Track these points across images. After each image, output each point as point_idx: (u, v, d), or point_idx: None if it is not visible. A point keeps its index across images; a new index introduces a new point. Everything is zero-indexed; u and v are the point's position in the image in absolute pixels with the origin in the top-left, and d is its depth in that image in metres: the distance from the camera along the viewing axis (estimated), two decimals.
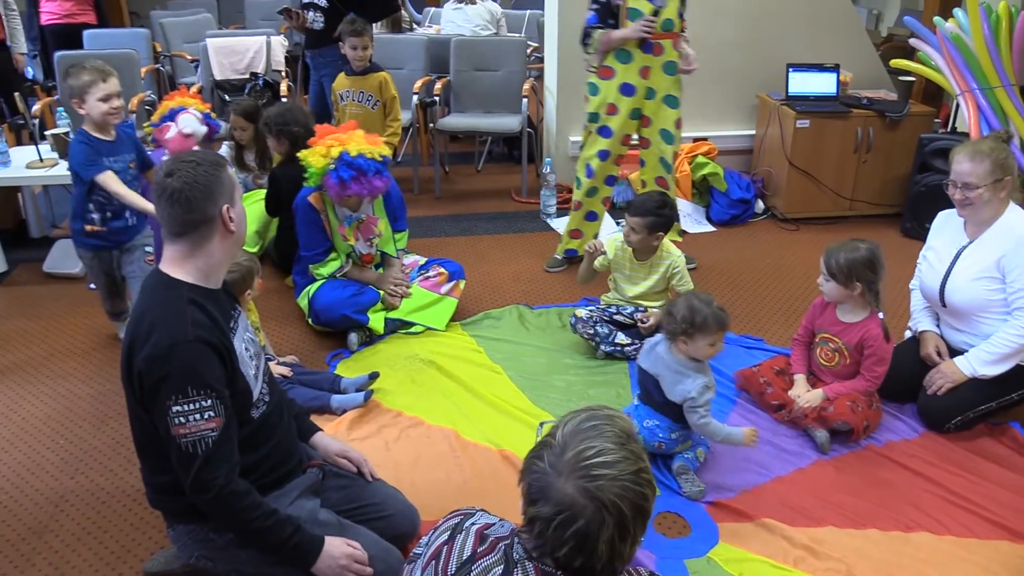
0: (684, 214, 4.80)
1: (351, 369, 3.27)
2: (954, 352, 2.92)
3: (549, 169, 5.03)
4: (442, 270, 3.68)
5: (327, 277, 3.51)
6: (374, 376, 3.09)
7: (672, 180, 4.08)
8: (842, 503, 2.52)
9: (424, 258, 3.80)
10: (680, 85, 3.90)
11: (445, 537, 1.50)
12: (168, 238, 1.85)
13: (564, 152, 5.35)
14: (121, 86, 3.20)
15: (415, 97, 5.43)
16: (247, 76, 6.02)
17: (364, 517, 2.15)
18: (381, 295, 3.52)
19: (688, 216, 4.88)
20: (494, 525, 1.49)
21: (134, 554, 2.34)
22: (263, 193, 4.13)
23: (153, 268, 1.90)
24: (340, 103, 4.70)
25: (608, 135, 3.90)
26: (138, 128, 4.44)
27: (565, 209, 5.09)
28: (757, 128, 5.24)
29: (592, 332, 3.34)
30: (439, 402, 3.06)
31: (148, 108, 5.23)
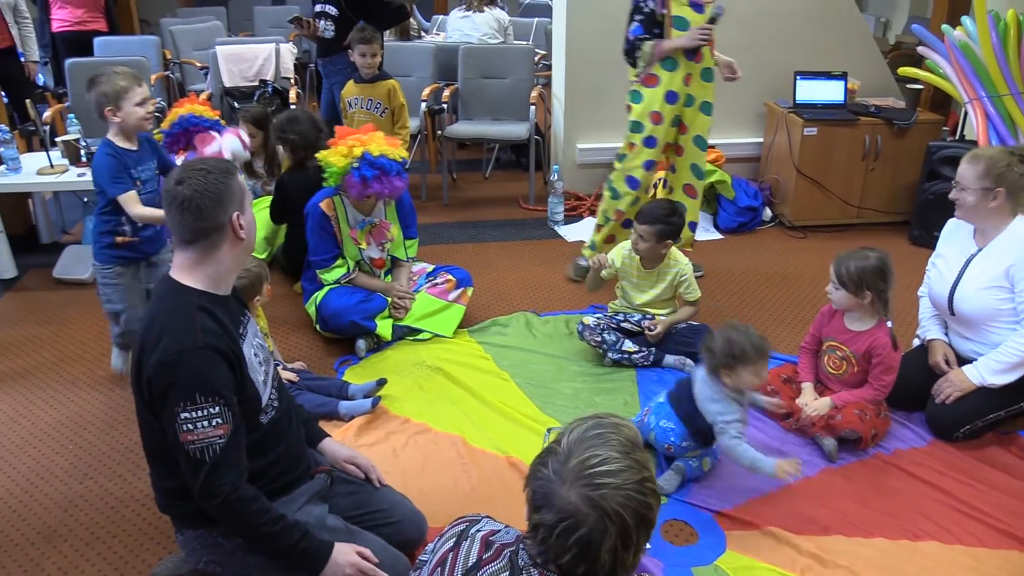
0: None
1: (359, 375, 3.28)
2: (962, 361, 2.91)
3: (557, 176, 5.04)
4: (450, 277, 3.69)
5: (333, 283, 3.53)
6: (382, 383, 3.10)
7: (702, 187, 4.07)
8: (850, 511, 2.51)
9: (432, 265, 3.81)
10: (715, 92, 3.90)
11: (451, 544, 1.51)
12: (178, 245, 1.86)
13: (572, 159, 5.36)
14: None
15: (423, 104, 5.45)
16: (256, 83, 6.06)
17: (372, 523, 2.16)
18: (389, 301, 3.54)
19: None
20: (499, 532, 1.50)
21: (142, 559, 2.35)
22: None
23: (164, 274, 1.91)
24: (349, 110, 4.73)
25: (653, 145, 3.83)
26: None
27: (573, 216, 5.12)
28: (765, 136, 5.24)
29: (599, 339, 3.34)
30: (446, 409, 3.06)
31: (158, 115, 5.25)
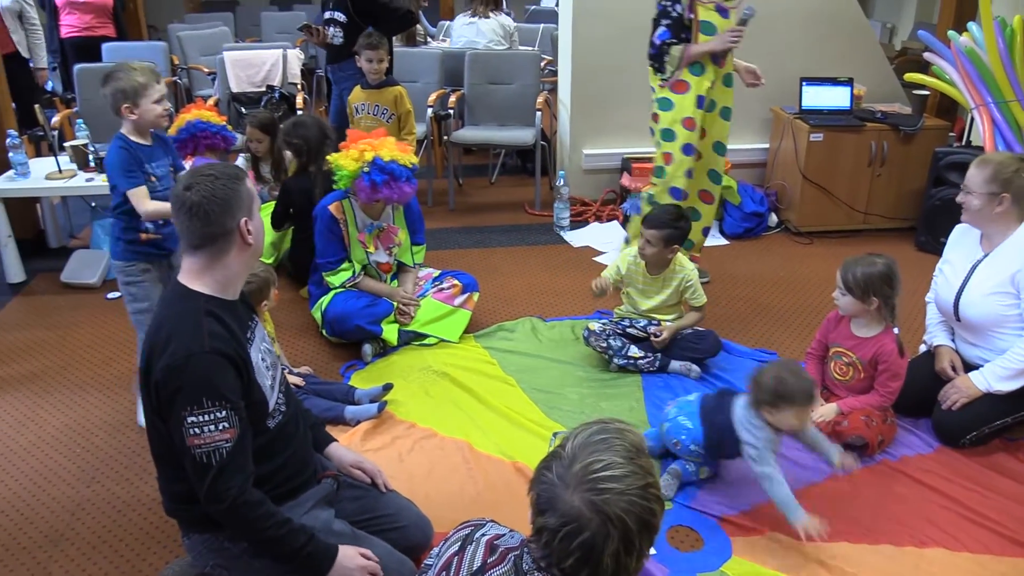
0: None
1: (365, 380, 3.28)
2: (969, 367, 2.91)
3: (563, 182, 5.04)
4: (456, 282, 3.69)
5: (339, 286, 3.54)
6: (388, 387, 3.11)
7: (719, 192, 4.06)
8: (856, 518, 2.51)
9: (438, 270, 3.82)
10: (733, 98, 3.89)
11: (456, 548, 1.51)
12: (186, 250, 1.87)
13: (578, 165, 5.37)
14: None
15: (429, 110, 5.46)
16: (263, 89, 6.08)
17: (378, 528, 2.16)
18: (395, 306, 3.54)
19: None
20: (504, 536, 1.50)
21: (149, 563, 2.36)
22: None
23: (173, 279, 1.92)
24: (355, 116, 4.75)
25: (691, 152, 3.78)
26: None
27: (578, 222, 5.13)
28: (771, 141, 5.24)
29: (605, 345, 3.34)
30: (452, 414, 3.07)
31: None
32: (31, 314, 3.98)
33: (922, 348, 3.16)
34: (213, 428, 1.75)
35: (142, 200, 2.84)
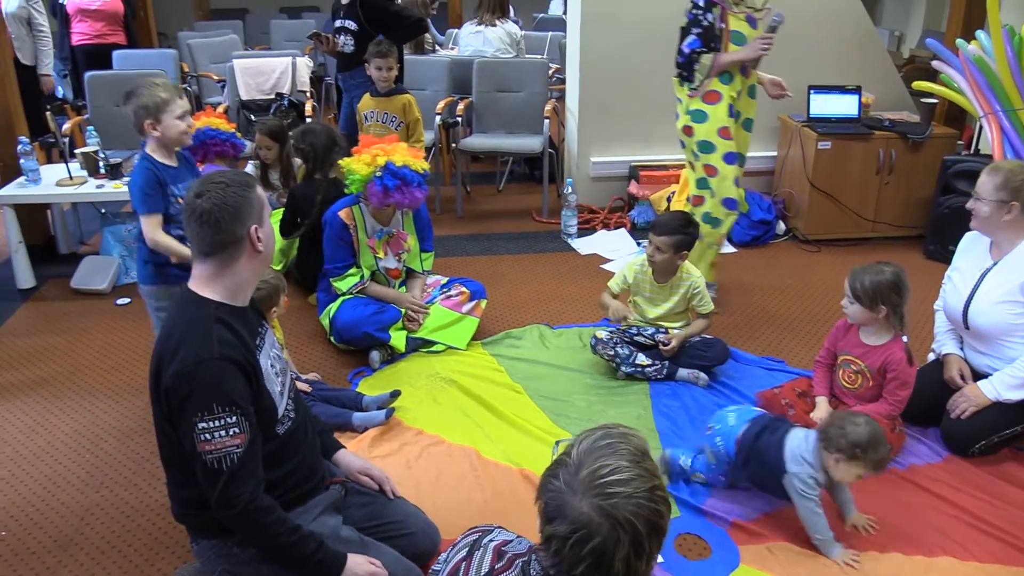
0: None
1: (373, 387, 3.29)
2: (978, 375, 2.90)
3: (570, 189, 5.05)
4: (463, 289, 3.70)
5: (345, 292, 3.55)
6: (395, 394, 3.11)
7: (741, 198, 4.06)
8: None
9: (445, 277, 3.83)
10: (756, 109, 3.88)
11: (463, 554, 1.51)
12: (197, 257, 1.88)
13: (585, 172, 5.38)
14: None
15: (438, 117, 5.48)
16: (272, 96, 6.12)
17: (385, 534, 2.17)
18: (403, 312, 3.55)
19: None
20: (512, 542, 1.50)
21: (158, 568, 2.36)
22: None
23: (183, 286, 1.93)
24: (364, 123, 4.77)
25: (734, 161, 3.74)
26: None
27: (586, 229, 5.13)
28: (779, 149, 5.24)
29: (612, 353, 3.34)
30: (460, 421, 3.07)
31: None
32: (41, 320, 4.00)
33: (931, 356, 3.15)
34: (224, 434, 1.76)
35: (154, 229, 2.79)
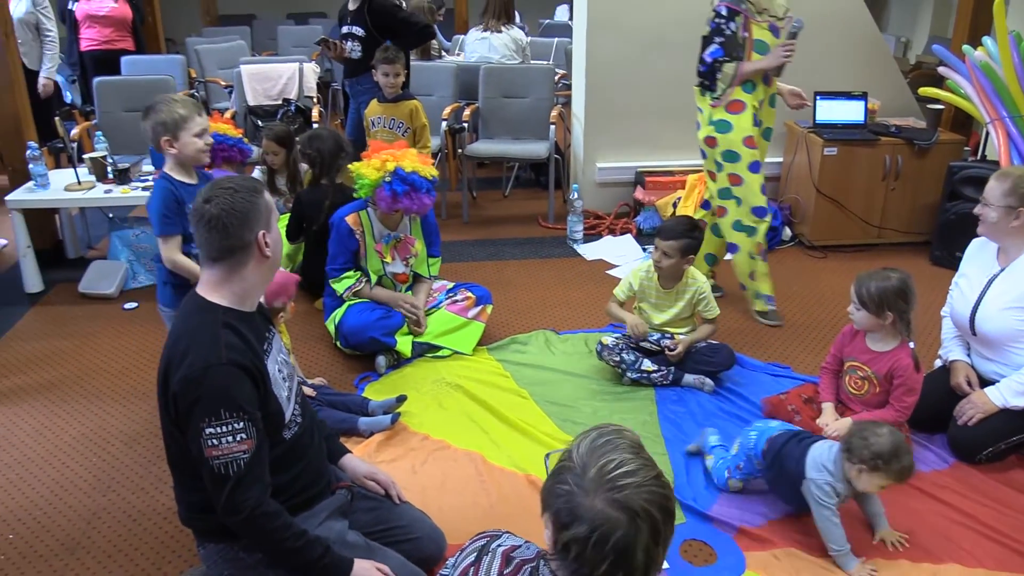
0: None
1: (379, 392, 3.29)
2: (985, 382, 2.89)
3: (576, 195, 5.06)
4: (469, 294, 3.71)
5: (341, 293, 3.57)
6: (401, 399, 3.12)
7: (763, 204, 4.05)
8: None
9: (451, 282, 3.84)
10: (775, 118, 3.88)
11: (472, 559, 1.51)
12: (205, 262, 1.89)
13: (591, 178, 5.38)
14: None
15: (444, 123, 5.49)
16: (280, 102, 6.14)
17: (391, 539, 2.17)
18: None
19: None
20: (520, 547, 1.50)
21: (164, 572, 2.37)
22: None
23: (191, 291, 1.94)
24: (372, 129, 4.78)
25: (759, 169, 3.75)
26: None
27: (592, 235, 5.13)
28: (785, 155, 5.24)
29: (618, 359, 3.34)
30: (466, 426, 3.07)
31: None
32: (48, 324, 4.02)
33: (937, 363, 3.14)
34: (231, 439, 1.77)
35: (172, 250, 2.82)
